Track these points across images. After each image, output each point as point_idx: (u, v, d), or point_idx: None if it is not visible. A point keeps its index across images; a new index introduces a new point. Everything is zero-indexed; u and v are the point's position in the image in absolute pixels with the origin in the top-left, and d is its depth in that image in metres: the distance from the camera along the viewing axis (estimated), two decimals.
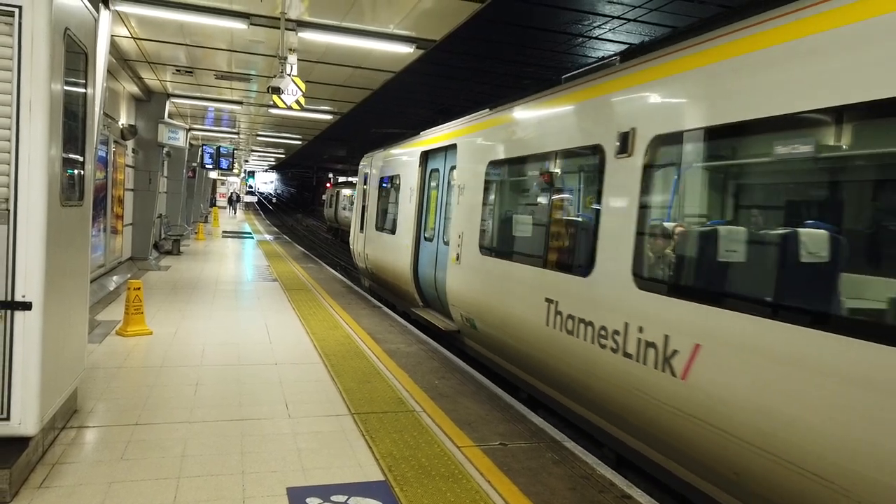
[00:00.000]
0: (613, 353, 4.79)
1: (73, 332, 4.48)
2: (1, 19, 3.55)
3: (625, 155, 4.96)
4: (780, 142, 3.79)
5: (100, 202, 10.33)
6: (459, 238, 8.18)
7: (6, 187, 3.59)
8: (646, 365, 4.41)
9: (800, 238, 3.59)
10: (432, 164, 10.07)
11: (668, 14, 10.99)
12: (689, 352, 4.03)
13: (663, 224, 4.70)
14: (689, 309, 4.08)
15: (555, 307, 5.72)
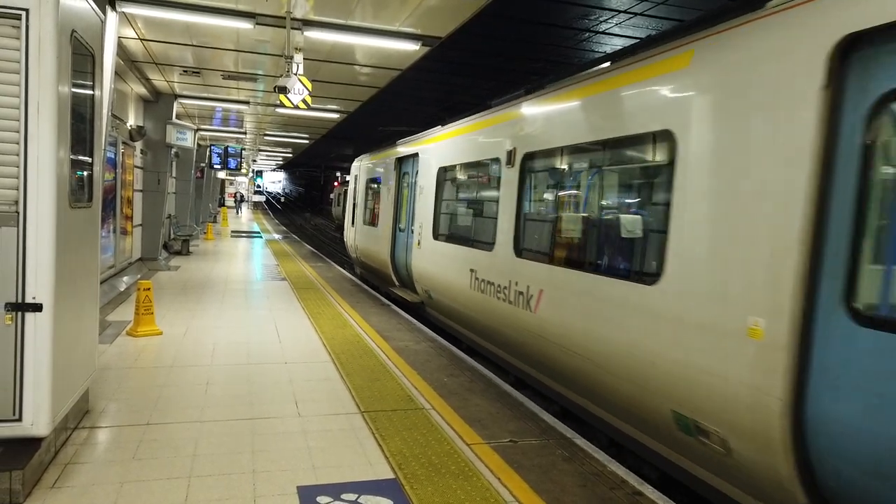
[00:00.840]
0: (503, 301, 6.89)
1: (83, 333, 4.50)
2: (8, 22, 3.56)
3: (510, 166, 7.10)
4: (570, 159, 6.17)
5: (109, 203, 10.39)
6: (420, 228, 10.23)
7: (15, 189, 3.61)
8: (518, 307, 6.50)
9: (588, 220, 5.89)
10: (404, 169, 12.00)
11: (675, 7, 10.92)
12: (537, 295, 6.14)
13: (527, 213, 6.88)
14: (538, 267, 6.24)
15: (475, 275, 7.77)
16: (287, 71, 8.13)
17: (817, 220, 3.35)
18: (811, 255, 3.37)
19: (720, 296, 3.89)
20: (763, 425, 3.53)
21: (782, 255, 3.47)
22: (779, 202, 3.54)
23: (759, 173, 3.70)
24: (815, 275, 3.36)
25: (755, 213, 3.70)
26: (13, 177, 3.60)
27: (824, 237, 3.33)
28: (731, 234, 3.85)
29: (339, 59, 10.14)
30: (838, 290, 3.24)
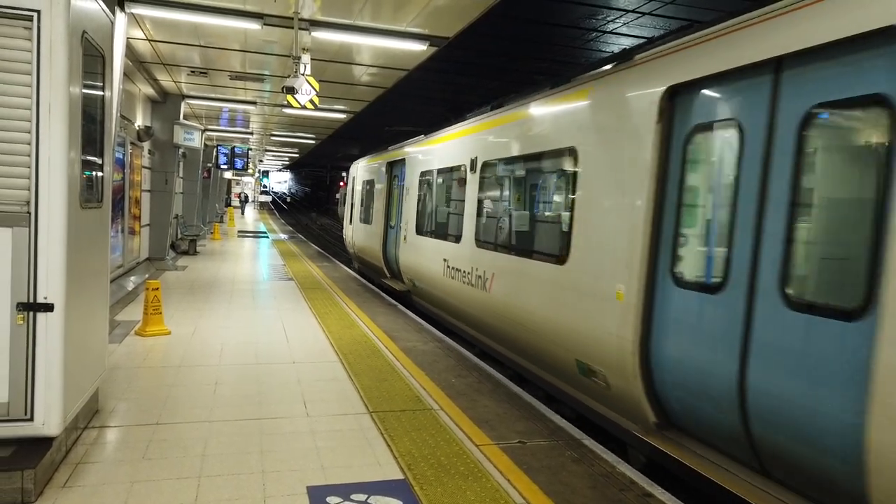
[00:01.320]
0: (467, 284, 8.23)
1: (94, 332, 4.52)
2: (20, 24, 3.58)
3: (473, 172, 8.52)
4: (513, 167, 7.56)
5: (118, 203, 10.44)
6: (406, 225, 11.65)
7: (27, 190, 3.62)
8: (477, 288, 7.85)
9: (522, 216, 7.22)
10: (394, 172, 13.40)
11: (683, 7, 10.87)
12: (492, 279, 7.42)
13: (484, 211, 8.20)
14: (491, 255, 7.60)
15: (447, 263, 9.12)
16: (295, 71, 8.15)
17: (655, 215, 4.70)
18: (651, 239, 4.70)
19: (601, 271, 5.25)
20: (624, 362, 4.84)
21: (635, 239, 4.81)
22: (633, 204, 4.88)
23: (623, 182, 5.05)
24: (654, 253, 4.70)
25: (621, 212, 5.04)
26: (25, 177, 3.62)
27: (659, 227, 4.69)
28: (607, 226, 5.21)
29: (347, 60, 10.15)
30: (667, 264, 4.61)
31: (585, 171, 5.64)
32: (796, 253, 3.65)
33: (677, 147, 4.62)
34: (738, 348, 3.92)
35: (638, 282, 4.73)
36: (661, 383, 4.65)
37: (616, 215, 5.09)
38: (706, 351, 4.19)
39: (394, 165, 13.44)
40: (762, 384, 3.74)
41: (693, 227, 4.55)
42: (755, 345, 3.81)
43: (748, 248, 3.89)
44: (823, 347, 3.39)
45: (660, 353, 4.62)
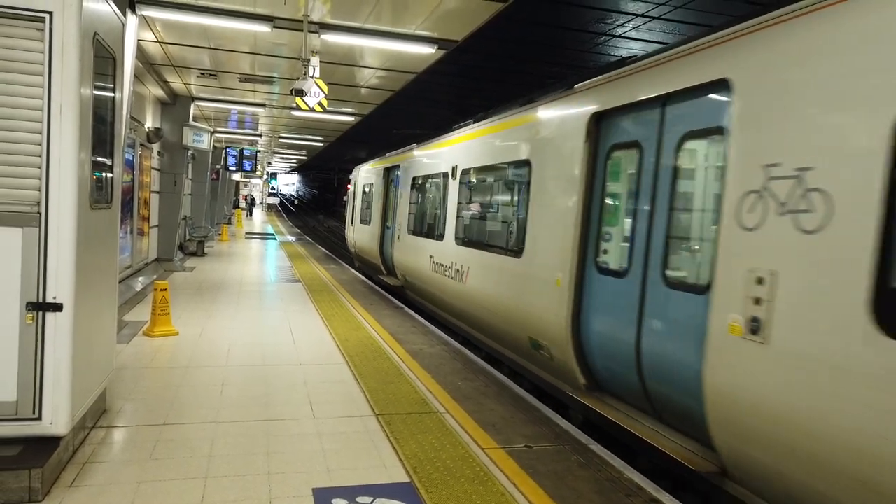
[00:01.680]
0: (448, 278, 9.23)
1: (102, 332, 4.54)
2: (32, 25, 3.60)
3: (454, 178, 9.61)
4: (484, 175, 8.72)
5: (127, 204, 10.49)
6: (399, 225, 12.73)
7: (37, 190, 3.65)
8: (455, 281, 8.87)
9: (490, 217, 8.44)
10: (390, 177, 14.49)
11: (692, 11, 10.85)
12: (468, 272, 8.41)
13: (462, 212, 9.28)
14: (468, 251, 8.59)
15: (432, 259, 10.14)
16: (303, 74, 8.18)
17: (584, 216, 5.79)
18: (581, 235, 5.79)
19: (546, 262, 6.30)
20: (561, 337, 5.88)
21: (569, 235, 5.88)
22: (568, 206, 5.98)
23: (562, 190, 6.15)
24: (583, 247, 5.79)
25: (559, 213, 6.14)
26: (35, 178, 3.64)
27: (587, 226, 5.79)
28: (551, 225, 6.31)
29: (355, 63, 10.17)
30: (592, 255, 5.70)
31: (536, 180, 6.77)
32: (671, 246, 4.78)
33: (600, 162, 5.73)
34: (636, 319, 5.02)
35: (571, 270, 5.84)
36: (588, 353, 5.75)
37: (556, 216, 6.24)
38: (616, 323, 5.28)
39: (390, 171, 14.57)
40: (650, 346, 4.85)
41: (610, 226, 5.71)
42: (646, 316, 4.92)
43: (643, 242, 5.03)
44: (685, 315, 4.48)
45: (586, 327, 5.73)
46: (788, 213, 3.64)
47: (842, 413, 3.22)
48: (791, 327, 3.53)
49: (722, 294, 4.00)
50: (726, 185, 4.10)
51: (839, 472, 3.28)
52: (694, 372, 4.23)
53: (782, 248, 3.65)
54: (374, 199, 15.50)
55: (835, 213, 3.36)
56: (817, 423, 3.38)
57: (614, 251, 5.61)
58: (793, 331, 3.52)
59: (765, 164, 3.83)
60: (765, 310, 3.70)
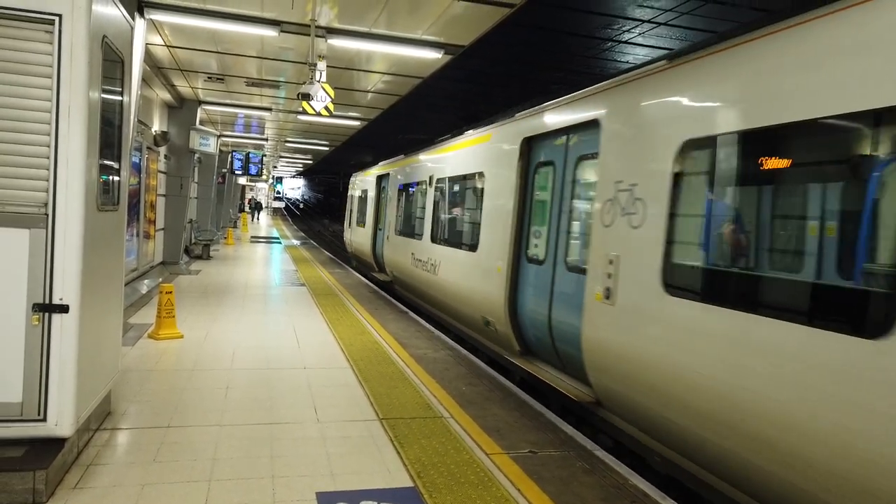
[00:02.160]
0: (425, 271, 10.69)
1: (108, 335, 4.55)
2: (41, 27, 3.63)
3: (430, 186, 11.18)
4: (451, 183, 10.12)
5: (133, 207, 10.53)
6: (388, 227, 14.40)
7: (45, 192, 3.66)
8: (430, 273, 10.35)
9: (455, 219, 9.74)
10: (382, 184, 16.01)
11: (699, 17, 10.85)
12: (439, 265, 9.88)
13: (436, 215, 10.72)
14: (440, 248, 10.06)
15: (413, 256, 11.66)
16: (310, 78, 8.20)
17: (518, 218, 7.33)
18: (515, 234, 7.31)
19: (492, 254, 7.81)
20: (502, 314, 7.38)
21: (507, 234, 7.40)
22: (507, 210, 7.50)
23: (503, 197, 7.66)
24: (518, 242, 7.32)
25: (502, 215, 7.65)
26: (43, 179, 3.66)
27: (520, 225, 7.31)
28: (496, 225, 7.81)
29: (362, 67, 10.20)
30: (523, 248, 7.24)
31: (487, 188, 8.31)
32: (569, 240, 6.35)
33: (530, 176, 7.31)
34: (549, 295, 6.54)
35: (508, 260, 7.35)
36: (521, 324, 7.25)
37: (500, 217, 7.73)
38: (538, 300, 6.78)
39: (381, 179, 16.15)
40: (556, 315, 6.37)
41: (535, 226, 7.16)
42: (555, 293, 6.46)
43: (555, 238, 6.60)
44: (574, 290, 5.97)
45: (519, 305, 7.23)
46: (626, 214, 5.10)
47: (654, 347, 4.60)
48: (624, 292, 5.01)
49: (592, 272, 5.50)
50: (596, 194, 5.59)
51: (658, 391, 4.57)
52: (577, 330, 5.70)
53: (622, 239, 5.11)
54: (368, 204, 17.32)
55: (647, 214, 4.83)
56: (641, 356, 4.73)
57: (538, 245, 7.08)
58: (625, 294, 5.00)
59: (615, 180, 5.31)
60: (612, 281, 5.17)
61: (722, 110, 4.27)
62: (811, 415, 3.33)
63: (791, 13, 3.88)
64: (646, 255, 4.73)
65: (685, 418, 4.32)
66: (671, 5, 10.46)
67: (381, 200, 15.95)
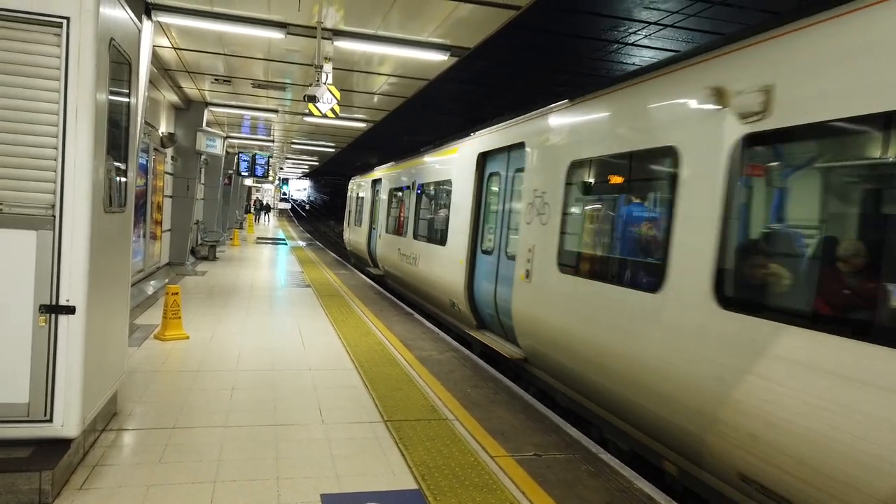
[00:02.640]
0: (408, 264, 12.36)
1: (114, 336, 4.56)
2: (49, 30, 3.65)
3: (413, 190, 12.78)
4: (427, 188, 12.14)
5: (140, 208, 10.57)
6: (380, 226, 16.16)
7: (52, 194, 3.68)
8: (412, 265, 11.99)
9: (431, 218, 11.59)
10: (375, 188, 17.78)
11: (706, 19, 10.81)
12: (419, 258, 11.63)
13: (417, 215, 12.31)
14: (420, 243, 11.76)
15: (399, 251, 13.41)
16: (316, 80, 8.22)
17: (475, 218, 8.97)
18: (473, 231, 8.93)
19: (457, 248, 9.41)
20: (462, 296, 8.98)
21: (467, 231, 9.01)
22: (467, 211, 9.10)
23: (466, 199, 9.27)
24: (475, 238, 8.92)
25: (464, 216, 9.25)
26: (50, 181, 3.68)
27: (477, 224, 8.94)
28: (459, 224, 9.43)
29: (368, 69, 10.21)
30: (478, 243, 8.87)
31: (454, 193, 10.05)
32: (509, 235, 7.90)
33: (484, 184, 9.06)
34: (495, 279, 8.19)
35: (467, 252, 9.09)
36: (477, 304, 8.92)
37: (462, 217, 9.45)
38: (488, 283, 8.44)
39: (375, 183, 17.91)
40: (499, 293, 7.95)
41: (487, 225, 8.87)
42: (498, 276, 8.06)
43: (500, 233, 8.25)
44: (509, 273, 7.54)
45: (475, 289, 8.91)
46: (539, 214, 6.80)
47: (553, 312, 6.27)
48: (537, 273, 6.70)
49: (519, 259, 7.18)
50: (523, 199, 7.26)
51: (558, 345, 6.16)
52: (510, 304, 7.33)
53: (536, 233, 6.82)
54: (364, 206, 19.24)
55: (550, 214, 6.54)
56: (547, 319, 6.40)
57: (489, 239, 8.73)
58: (538, 274, 6.69)
59: (534, 188, 7.00)
60: (530, 265, 6.85)
61: (588, 142, 6.07)
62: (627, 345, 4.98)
63: (797, 16, 3.87)
64: (549, 244, 6.49)
65: (575, 363, 5.89)
66: (677, 7, 10.43)
67: (375, 202, 17.65)
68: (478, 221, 9.01)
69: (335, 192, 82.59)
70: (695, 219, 4.42)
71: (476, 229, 9.01)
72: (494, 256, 8.32)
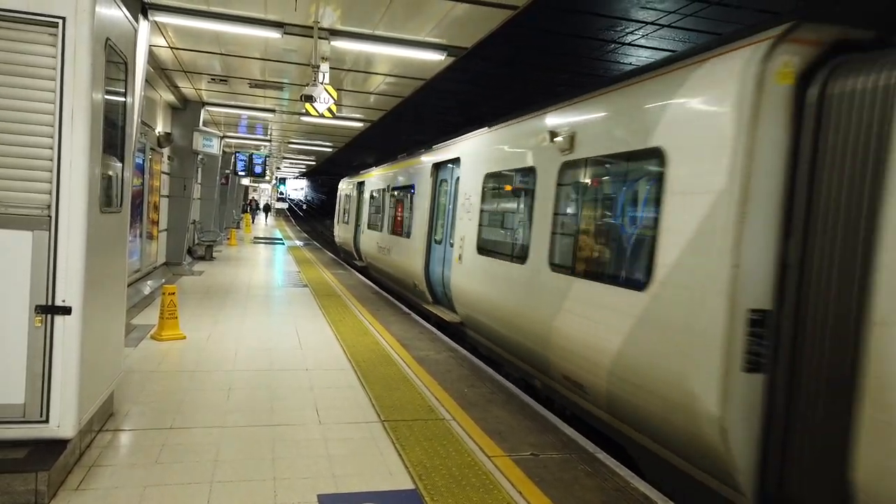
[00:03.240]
0: (384, 255, 14.82)
1: (110, 336, 4.56)
2: (45, 30, 3.64)
3: (388, 192, 15.37)
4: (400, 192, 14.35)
5: (136, 208, 10.54)
6: (363, 223, 18.66)
7: (48, 194, 3.67)
8: (387, 256, 14.56)
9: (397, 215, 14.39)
10: (360, 189, 19.98)
11: (703, 19, 10.83)
12: (392, 249, 14.08)
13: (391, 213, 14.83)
14: (391, 237, 14.36)
15: (377, 244, 15.74)
16: (313, 80, 8.21)
17: (431, 212, 11.45)
18: (429, 226, 11.39)
19: (418, 239, 11.68)
20: (421, 277, 11.33)
21: (426, 225, 11.41)
22: (425, 210, 11.60)
23: (424, 201, 11.72)
24: (431, 230, 11.33)
25: (423, 214, 11.68)
26: (46, 181, 3.67)
27: (432, 219, 11.39)
28: (420, 221, 11.76)
29: (365, 69, 10.21)
30: (433, 235, 11.27)
31: (416, 196, 12.38)
32: (451, 228, 9.90)
33: (436, 188, 11.30)
34: (442, 263, 10.24)
35: (424, 242, 11.25)
36: (431, 283, 10.95)
37: (421, 215, 11.69)
38: (438, 266, 10.57)
39: (359, 185, 20.28)
40: (445, 274, 9.85)
41: (438, 221, 10.98)
42: (444, 261, 10.10)
43: (446, 227, 10.30)
44: (451, 257, 9.47)
45: (430, 271, 10.97)
46: (467, 212, 8.98)
47: (475, 284, 8.34)
48: (465, 256, 8.75)
49: (456, 246, 9.29)
50: (457, 200, 9.56)
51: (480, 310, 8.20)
52: (449, 280, 9.50)
53: (465, 226, 8.95)
54: (350, 205, 21.70)
55: (474, 212, 8.68)
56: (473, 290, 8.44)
57: (440, 232, 10.89)
58: (466, 257, 8.73)
59: (465, 192, 9.22)
60: (462, 250, 8.95)
61: (494, 159, 8.35)
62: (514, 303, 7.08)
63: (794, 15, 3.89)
64: (472, 235, 8.69)
65: (494, 322, 7.80)
66: (675, 7, 10.45)
67: (359, 203, 20.04)
68: (432, 218, 11.37)
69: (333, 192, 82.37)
70: (542, 215, 6.67)
71: (431, 224, 11.35)
72: (443, 246, 10.55)
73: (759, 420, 3.96)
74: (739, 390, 3.92)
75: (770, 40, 3.92)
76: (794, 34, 3.92)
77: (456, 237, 9.32)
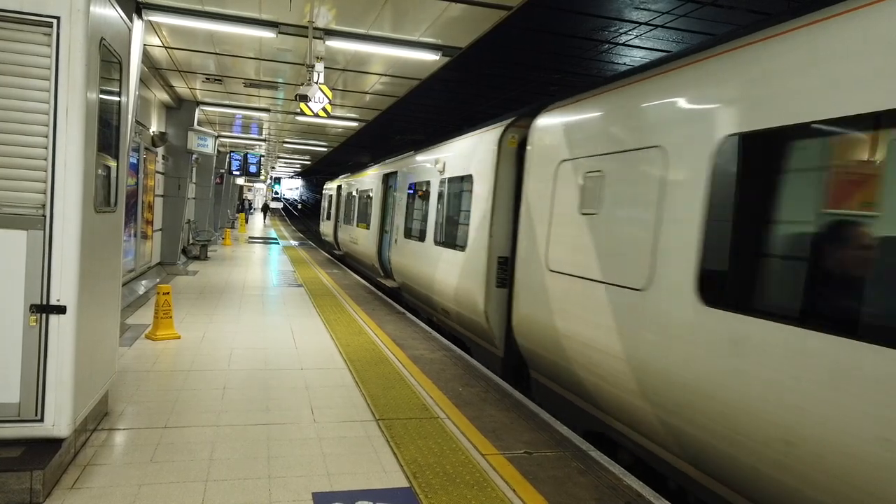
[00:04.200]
0: (354, 244, 18.96)
1: (105, 335, 4.56)
2: (39, 30, 3.64)
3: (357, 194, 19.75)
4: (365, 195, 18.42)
5: (131, 208, 10.53)
6: (341, 219, 22.73)
7: (42, 193, 3.68)
8: (356, 244, 18.65)
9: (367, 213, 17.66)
10: (339, 191, 23.74)
11: (696, 20, 10.88)
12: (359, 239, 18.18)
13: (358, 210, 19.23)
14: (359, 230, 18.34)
15: (349, 235, 20.17)
16: (308, 79, 8.22)
17: (381, 213, 15.67)
18: (380, 219, 15.62)
19: (373, 230, 16.04)
20: (375, 259, 15.67)
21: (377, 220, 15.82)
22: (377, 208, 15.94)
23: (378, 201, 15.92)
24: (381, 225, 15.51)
25: (377, 211, 15.92)
26: (41, 181, 3.67)
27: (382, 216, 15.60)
28: (374, 216, 16.15)
29: (360, 69, 10.22)
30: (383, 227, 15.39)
31: (373, 197, 16.25)
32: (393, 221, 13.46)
33: (386, 194, 15.37)
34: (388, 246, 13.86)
35: (376, 233, 15.52)
36: (382, 262, 14.81)
37: (376, 212, 15.64)
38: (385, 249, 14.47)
39: (338, 188, 23.94)
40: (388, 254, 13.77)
41: (386, 216, 14.96)
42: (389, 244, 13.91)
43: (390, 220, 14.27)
44: (388, 241, 13.98)
45: (382, 252, 14.89)
46: (400, 209, 12.77)
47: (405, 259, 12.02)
48: (398, 239, 12.61)
49: (392, 232, 13.13)
50: (396, 202, 13.35)
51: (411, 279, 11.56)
52: (391, 257, 13.02)
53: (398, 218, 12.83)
54: (333, 204, 25.27)
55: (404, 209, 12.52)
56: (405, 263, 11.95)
57: (387, 224, 13.99)
58: (398, 239, 12.61)
59: (399, 195, 13.04)
60: (396, 235, 12.78)
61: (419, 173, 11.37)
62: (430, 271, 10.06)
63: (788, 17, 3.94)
64: (401, 224, 11.98)
65: (423, 289, 10.50)
66: (668, 8, 10.49)
67: (338, 202, 23.92)
68: (383, 214, 15.29)
69: None
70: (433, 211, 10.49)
71: (382, 218, 15.29)
72: (389, 234, 13.79)
73: (505, 311, 7.59)
74: (494, 296, 7.67)
75: (504, 125, 7.72)
76: (517, 122, 7.62)
77: (394, 227, 13.05)
